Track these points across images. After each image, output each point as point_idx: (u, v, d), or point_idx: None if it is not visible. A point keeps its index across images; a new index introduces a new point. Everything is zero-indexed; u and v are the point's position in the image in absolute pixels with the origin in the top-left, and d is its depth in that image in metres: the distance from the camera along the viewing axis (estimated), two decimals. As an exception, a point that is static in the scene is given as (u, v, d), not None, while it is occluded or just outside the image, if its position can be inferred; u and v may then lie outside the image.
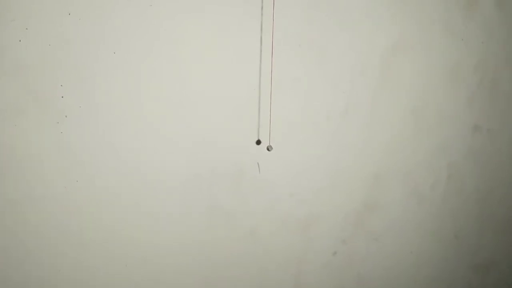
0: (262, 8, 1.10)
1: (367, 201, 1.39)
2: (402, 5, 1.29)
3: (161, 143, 1.08)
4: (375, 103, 1.32)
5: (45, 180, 0.99)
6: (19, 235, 0.99)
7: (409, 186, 1.44)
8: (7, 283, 0.99)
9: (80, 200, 1.03)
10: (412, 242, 1.50)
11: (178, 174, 1.11)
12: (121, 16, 0.98)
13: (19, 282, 1.01)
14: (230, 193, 1.18)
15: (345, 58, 1.24)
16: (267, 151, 1.10)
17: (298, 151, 1.25)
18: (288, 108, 1.20)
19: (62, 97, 0.97)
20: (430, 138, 1.44)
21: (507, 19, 1.46)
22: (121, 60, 1.00)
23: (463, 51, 1.41)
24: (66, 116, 0.98)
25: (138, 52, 1.01)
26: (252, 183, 1.20)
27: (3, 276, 0.99)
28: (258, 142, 1.11)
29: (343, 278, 1.42)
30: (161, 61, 1.04)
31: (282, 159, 1.23)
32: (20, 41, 0.91)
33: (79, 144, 1.00)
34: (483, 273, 1.68)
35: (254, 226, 1.24)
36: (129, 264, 1.11)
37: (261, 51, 1.13)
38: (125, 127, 1.04)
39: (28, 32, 0.91)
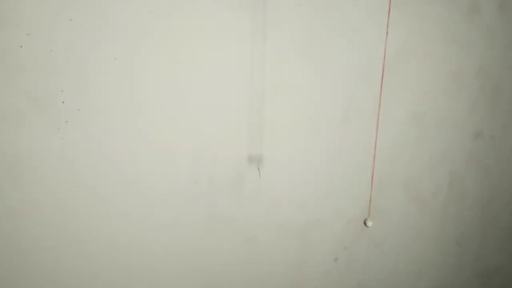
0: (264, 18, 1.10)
1: (369, 207, 1.38)
2: (404, 11, 1.28)
3: (161, 150, 1.08)
4: (377, 109, 1.31)
5: (45, 186, 0.99)
6: (19, 241, 0.99)
7: (410, 192, 1.44)
8: (6, 288, 1.00)
9: (80, 206, 1.03)
10: (414, 249, 1.50)
11: (178, 181, 1.11)
12: (122, 22, 0.98)
13: (18, 287, 1.01)
14: (229, 200, 1.18)
15: (347, 64, 1.24)
16: (365, 225, 1.06)
17: (298, 157, 1.24)
18: (289, 114, 1.20)
19: (63, 102, 0.97)
20: (432, 144, 1.43)
21: (509, 25, 1.46)
22: (122, 66, 1.00)
23: (465, 57, 1.41)
24: (66, 121, 0.98)
25: (138, 58, 1.01)
26: (252, 189, 1.20)
27: (1, 281, 0.99)
28: (365, 222, 1.08)
29: (344, 285, 1.41)
30: (162, 67, 1.04)
31: (283, 165, 1.22)
32: (21, 46, 0.91)
33: (80, 150, 1.00)
34: (486, 280, 1.67)
35: (254, 232, 1.24)
36: (128, 271, 1.11)
37: (259, 57, 1.13)
38: (125, 134, 1.04)
39: (30, 37, 0.91)
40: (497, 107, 1.51)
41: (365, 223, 1.07)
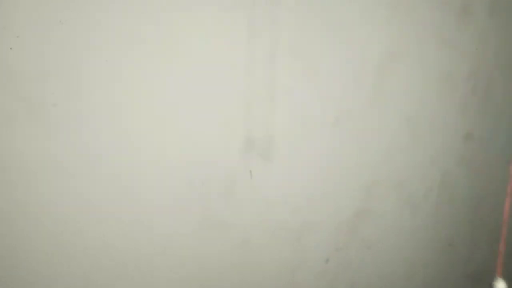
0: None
1: (361, 209, 1.39)
2: (396, 14, 1.29)
3: (152, 153, 1.07)
4: (369, 111, 1.32)
5: (36, 190, 0.98)
6: (10, 245, 0.98)
7: (402, 194, 1.44)
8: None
9: (71, 210, 1.02)
10: (406, 250, 1.50)
11: (170, 184, 1.11)
12: (113, 25, 0.97)
13: (9, 292, 1.00)
14: (223, 203, 1.18)
15: (339, 67, 1.24)
16: None
17: (291, 159, 1.24)
18: (282, 116, 1.20)
19: (54, 105, 0.96)
20: (423, 146, 1.44)
21: (500, 28, 1.47)
22: (113, 69, 0.99)
23: (457, 59, 1.42)
24: (57, 124, 0.97)
25: (130, 61, 1.01)
26: (245, 192, 1.20)
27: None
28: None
29: (337, 286, 1.42)
30: (153, 70, 1.04)
31: (276, 168, 1.22)
32: (11, 48, 0.90)
33: (71, 153, 0.99)
34: (477, 281, 1.68)
35: (248, 235, 1.23)
36: (121, 275, 1.10)
37: (253, 60, 1.13)
38: (117, 136, 1.03)
39: (20, 39, 0.90)
40: (488, 109, 1.52)
41: None
